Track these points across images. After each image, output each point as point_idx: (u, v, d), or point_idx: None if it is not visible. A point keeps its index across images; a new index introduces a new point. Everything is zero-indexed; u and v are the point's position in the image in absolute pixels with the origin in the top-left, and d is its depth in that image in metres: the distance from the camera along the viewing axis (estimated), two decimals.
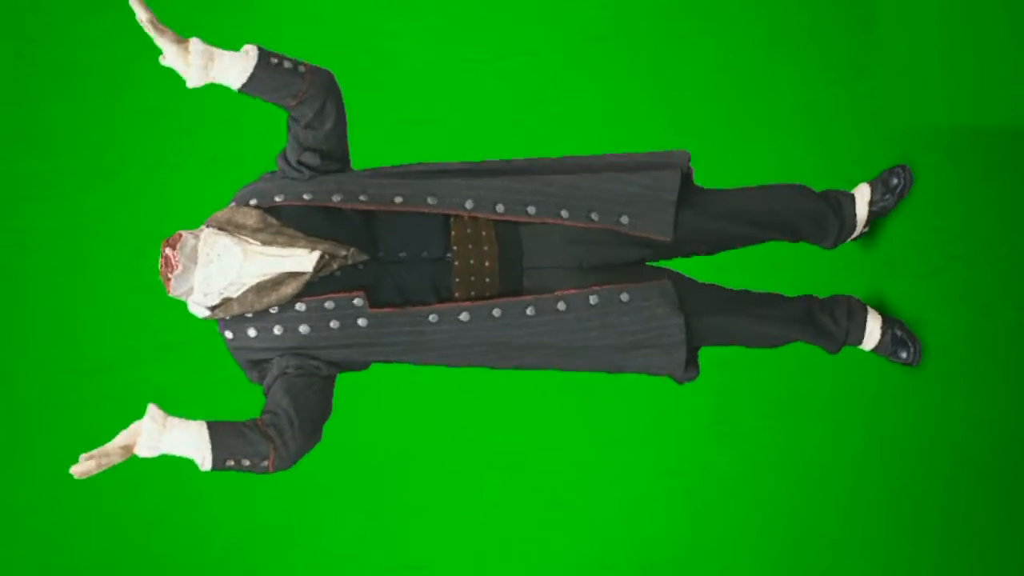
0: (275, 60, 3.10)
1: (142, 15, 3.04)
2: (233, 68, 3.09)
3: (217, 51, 3.09)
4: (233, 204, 3.17)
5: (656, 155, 3.30)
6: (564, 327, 3.14)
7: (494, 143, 3.97)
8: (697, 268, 3.86)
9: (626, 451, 3.92)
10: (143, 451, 3.07)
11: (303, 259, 3.03)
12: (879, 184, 3.59)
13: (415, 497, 4.01)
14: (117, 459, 3.03)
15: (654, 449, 3.91)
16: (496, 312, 3.09)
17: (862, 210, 3.54)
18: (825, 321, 3.47)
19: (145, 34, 4.16)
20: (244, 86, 3.11)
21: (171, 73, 4.13)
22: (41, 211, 4.14)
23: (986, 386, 3.68)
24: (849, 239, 3.54)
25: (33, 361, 4.13)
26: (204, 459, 3.04)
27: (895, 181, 3.60)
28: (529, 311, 3.11)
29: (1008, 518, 3.68)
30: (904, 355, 3.62)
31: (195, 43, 3.08)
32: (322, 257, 3.04)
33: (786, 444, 3.83)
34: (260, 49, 3.10)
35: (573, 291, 3.13)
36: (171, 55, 3.08)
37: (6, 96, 4.16)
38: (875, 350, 3.60)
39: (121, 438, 3.06)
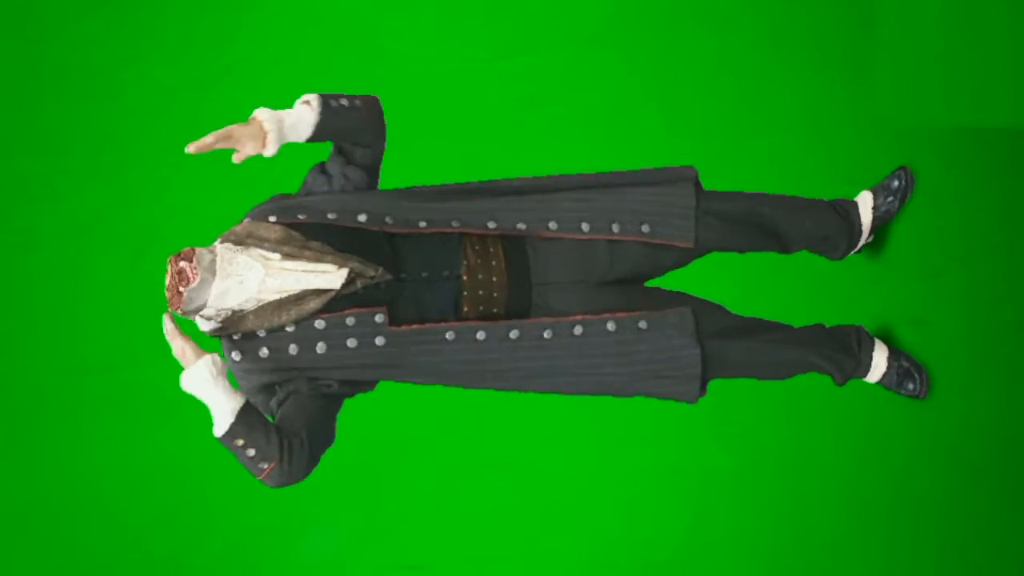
0: (334, 103, 3.08)
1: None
2: (302, 123, 3.05)
3: (282, 114, 3.04)
4: (248, 219, 3.11)
5: (663, 170, 3.30)
6: (579, 351, 3.12)
7: (494, 143, 3.97)
8: (694, 280, 3.86)
9: (626, 451, 3.92)
10: (185, 381, 3.01)
11: (332, 276, 2.97)
12: (881, 190, 3.59)
13: (415, 497, 4.02)
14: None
15: (654, 449, 3.91)
16: (513, 334, 3.07)
17: (866, 216, 3.54)
18: (833, 352, 3.45)
19: (145, 34, 4.17)
20: (313, 136, 3.08)
21: (171, 73, 4.13)
22: (41, 211, 4.14)
23: (986, 386, 3.68)
24: (855, 249, 3.54)
25: (33, 361, 4.13)
26: (221, 424, 2.98)
27: (896, 183, 3.60)
28: (546, 334, 3.10)
29: (1008, 518, 3.68)
30: (911, 386, 3.62)
31: (263, 113, 3.02)
32: (350, 274, 2.99)
33: (786, 444, 3.83)
34: (320, 96, 3.07)
35: (591, 317, 3.12)
36: (247, 143, 3.02)
37: (6, 96, 4.16)
38: (881, 382, 3.59)
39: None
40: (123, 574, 4.11)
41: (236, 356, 3.05)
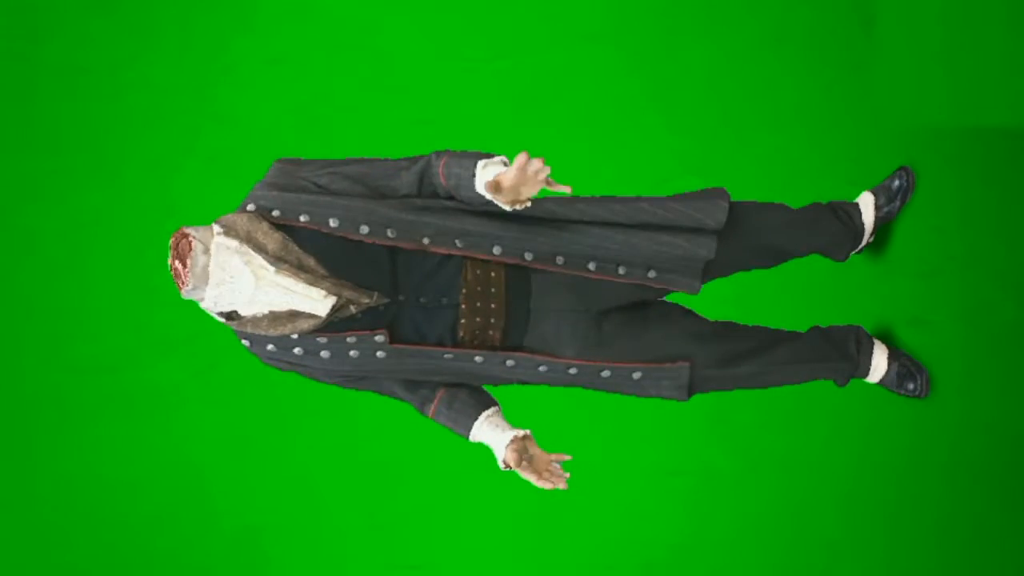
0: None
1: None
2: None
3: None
4: (252, 208, 3.04)
5: (694, 198, 3.21)
6: (573, 384, 3.17)
7: (494, 143, 3.97)
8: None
9: (626, 451, 3.92)
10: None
11: (317, 303, 2.96)
12: (882, 190, 3.59)
13: (415, 497, 4.02)
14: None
15: (654, 449, 3.91)
16: (509, 363, 3.09)
17: (869, 218, 3.53)
18: (834, 361, 3.44)
19: (145, 34, 4.17)
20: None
21: (171, 73, 4.13)
22: (41, 211, 4.14)
23: (986, 386, 3.68)
24: (857, 250, 3.54)
25: (34, 361, 4.13)
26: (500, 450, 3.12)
27: (897, 184, 3.60)
28: (542, 368, 3.11)
29: (1008, 518, 3.68)
30: (911, 386, 3.61)
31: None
32: (339, 300, 2.97)
33: (786, 444, 3.83)
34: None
35: (587, 362, 3.13)
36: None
37: (6, 96, 4.16)
38: (881, 382, 3.59)
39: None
40: (123, 574, 4.11)
41: (246, 343, 3.06)
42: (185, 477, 4.09)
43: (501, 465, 3.08)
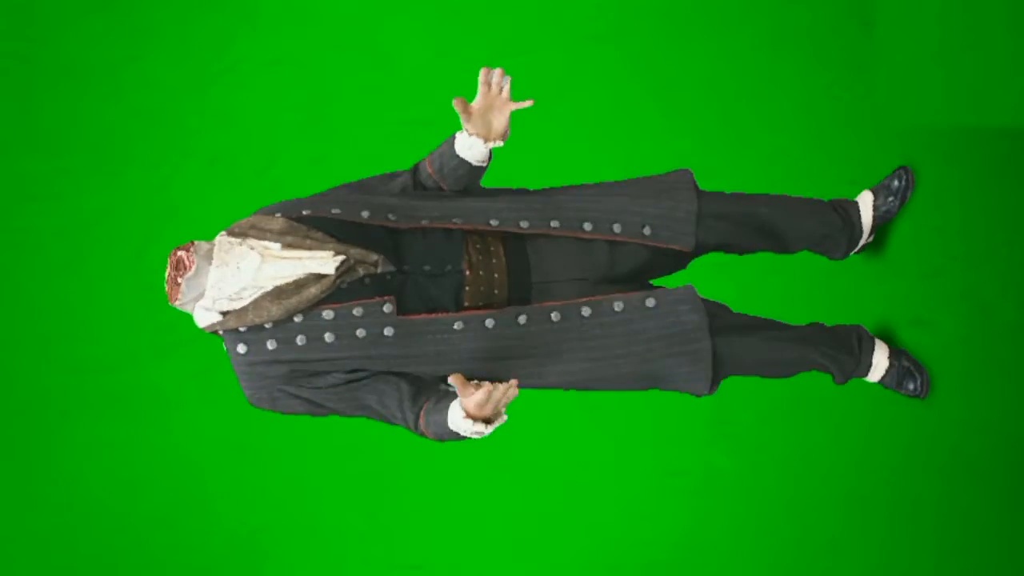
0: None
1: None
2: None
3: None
4: (254, 215, 3.12)
5: (663, 178, 3.30)
6: (589, 333, 3.12)
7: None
8: (694, 280, 3.86)
9: (626, 451, 3.92)
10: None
11: (327, 261, 2.97)
12: (882, 189, 3.59)
13: (415, 497, 4.02)
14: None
15: (654, 449, 3.91)
16: (521, 319, 3.08)
17: (867, 216, 3.54)
18: (834, 351, 3.44)
19: (145, 34, 4.17)
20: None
21: (171, 73, 4.13)
22: (41, 211, 4.14)
23: (986, 386, 3.68)
24: (856, 249, 3.54)
25: (34, 361, 4.13)
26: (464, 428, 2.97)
27: (897, 183, 3.61)
28: (554, 316, 3.09)
29: (1008, 518, 3.68)
30: (911, 386, 3.62)
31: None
32: (346, 260, 2.99)
33: (786, 444, 3.83)
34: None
35: (599, 297, 3.12)
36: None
37: (6, 96, 4.16)
38: (881, 381, 3.59)
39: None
40: (123, 574, 4.11)
41: (241, 349, 3.02)
42: (185, 477, 4.09)
43: (461, 411, 2.91)
